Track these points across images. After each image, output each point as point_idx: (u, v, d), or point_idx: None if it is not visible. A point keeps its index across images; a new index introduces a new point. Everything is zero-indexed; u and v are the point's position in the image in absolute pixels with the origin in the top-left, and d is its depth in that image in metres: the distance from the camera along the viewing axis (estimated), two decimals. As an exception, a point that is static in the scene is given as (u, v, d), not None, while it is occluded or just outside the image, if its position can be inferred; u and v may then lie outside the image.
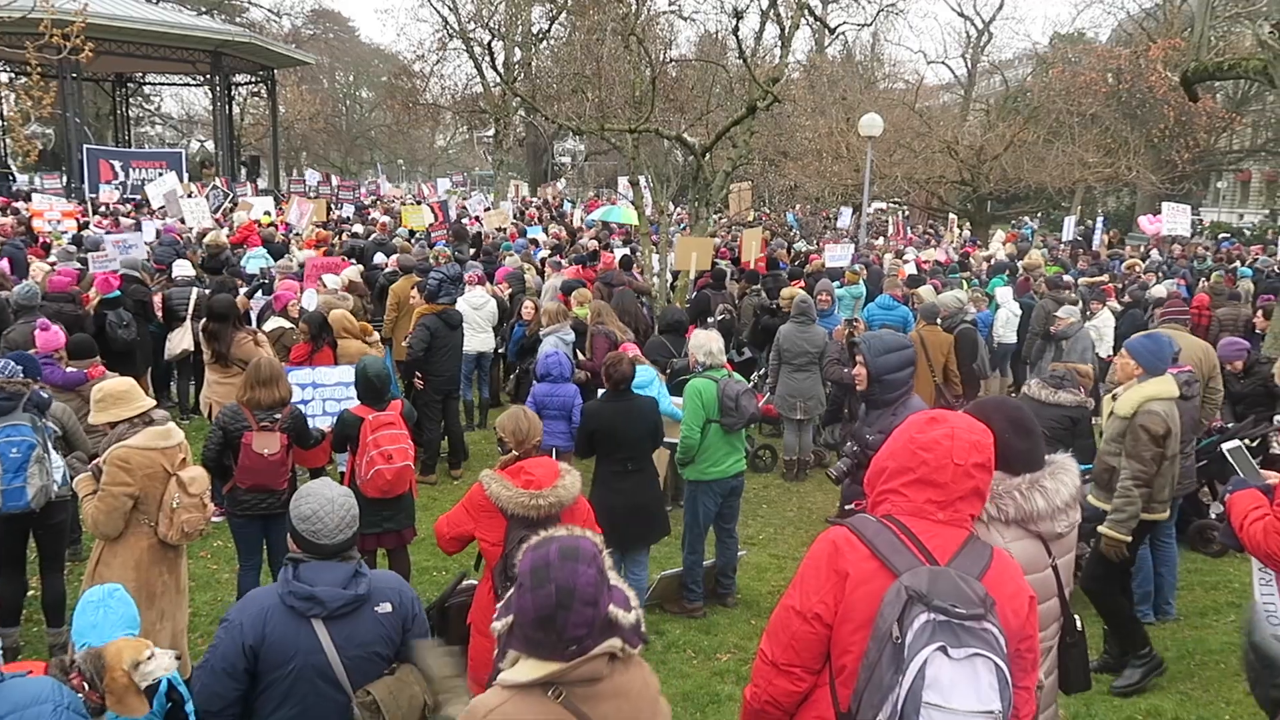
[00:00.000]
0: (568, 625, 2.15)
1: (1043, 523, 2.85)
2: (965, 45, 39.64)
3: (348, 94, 59.50)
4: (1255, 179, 43.36)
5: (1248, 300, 13.19)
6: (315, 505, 3.02)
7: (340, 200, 28.58)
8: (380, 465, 5.37)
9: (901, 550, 2.29)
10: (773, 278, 12.23)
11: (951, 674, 2.05)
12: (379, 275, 12.07)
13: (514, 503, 4.08)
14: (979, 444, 2.38)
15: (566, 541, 2.26)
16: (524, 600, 2.16)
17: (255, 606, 2.94)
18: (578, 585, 2.16)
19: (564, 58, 22.20)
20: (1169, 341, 5.35)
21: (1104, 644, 5.44)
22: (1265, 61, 8.89)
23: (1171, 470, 5.15)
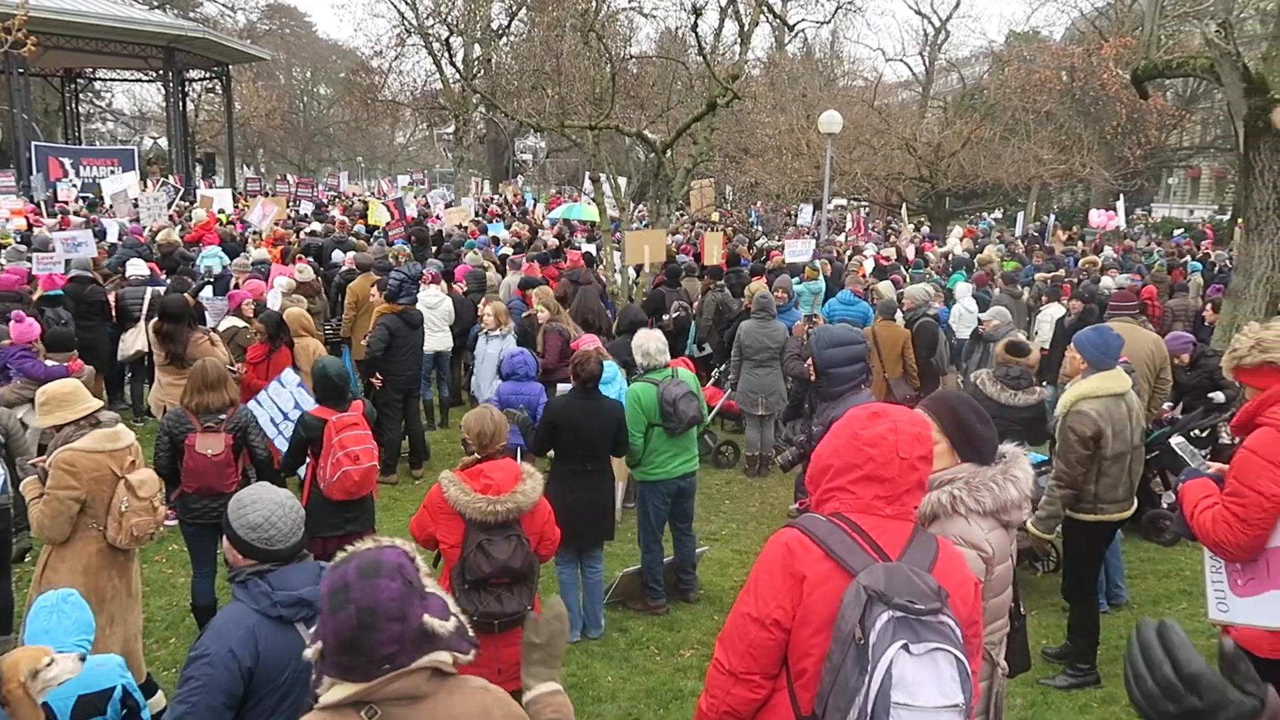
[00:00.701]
0: (375, 645, 1.98)
1: (1013, 512, 2.89)
2: (923, 43, 40.12)
3: (305, 90, 58.80)
4: (1205, 175, 44.33)
5: (1197, 293, 13.55)
6: (265, 512, 2.96)
7: (298, 198, 28.22)
8: (347, 466, 5.27)
9: (855, 549, 2.27)
10: (735, 274, 12.26)
11: (915, 671, 2.05)
12: (336, 274, 11.94)
13: (471, 508, 4.05)
14: (921, 436, 2.38)
15: (366, 557, 2.08)
16: (325, 625, 2.01)
17: (238, 630, 2.81)
18: (379, 602, 2.00)
19: (524, 54, 22.09)
20: (1116, 336, 5.26)
21: (1067, 633, 5.46)
22: (1212, 60, 9.06)
23: (1121, 467, 5.01)
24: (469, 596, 4.04)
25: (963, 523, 2.84)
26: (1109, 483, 5.01)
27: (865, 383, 5.13)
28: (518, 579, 4.14)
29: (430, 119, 41.15)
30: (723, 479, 9.04)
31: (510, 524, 4.13)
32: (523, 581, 4.16)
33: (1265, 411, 3.22)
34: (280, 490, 3.11)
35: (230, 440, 5.32)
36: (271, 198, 23.00)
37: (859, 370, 4.76)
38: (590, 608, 5.86)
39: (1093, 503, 5.04)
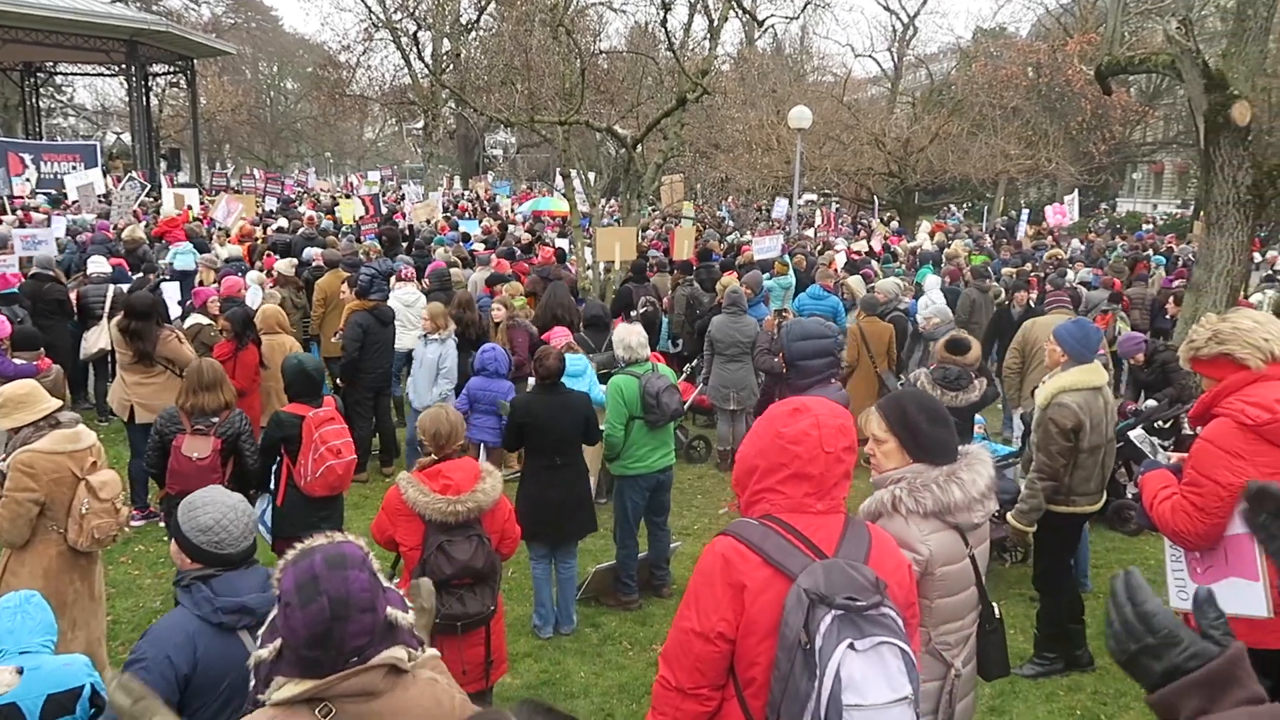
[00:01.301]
0: (346, 637, 1.99)
1: (960, 514, 2.87)
2: (891, 39, 40.30)
3: (271, 85, 58.13)
4: (1168, 170, 44.94)
5: (1156, 284, 13.92)
6: (216, 514, 2.90)
7: (265, 194, 27.90)
8: (331, 460, 5.21)
9: (791, 551, 2.24)
10: (705, 269, 12.28)
11: (862, 668, 2.04)
12: (306, 270, 11.82)
13: (431, 509, 4.03)
14: (844, 428, 2.36)
15: (330, 550, 2.09)
16: (293, 619, 1.98)
17: (176, 635, 2.76)
18: (351, 593, 2.01)
19: (493, 49, 21.95)
20: (1096, 329, 5.30)
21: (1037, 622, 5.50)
22: (1173, 56, 9.18)
23: (1095, 460, 5.06)
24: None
25: (901, 523, 2.84)
26: (1083, 475, 5.06)
27: (834, 376, 5.17)
28: (480, 579, 4.12)
29: (399, 114, 40.85)
30: (695, 474, 9.06)
31: (471, 524, 4.11)
32: (485, 581, 4.14)
33: (1221, 403, 3.26)
34: (233, 494, 3.07)
35: (219, 445, 5.21)
36: (237, 194, 22.72)
37: (827, 364, 4.80)
38: (563, 604, 5.85)
39: (1066, 495, 5.08)
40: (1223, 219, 8.87)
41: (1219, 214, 8.90)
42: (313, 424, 5.27)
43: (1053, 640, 5.32)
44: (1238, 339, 3.24)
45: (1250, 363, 3.21)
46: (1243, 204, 8.75)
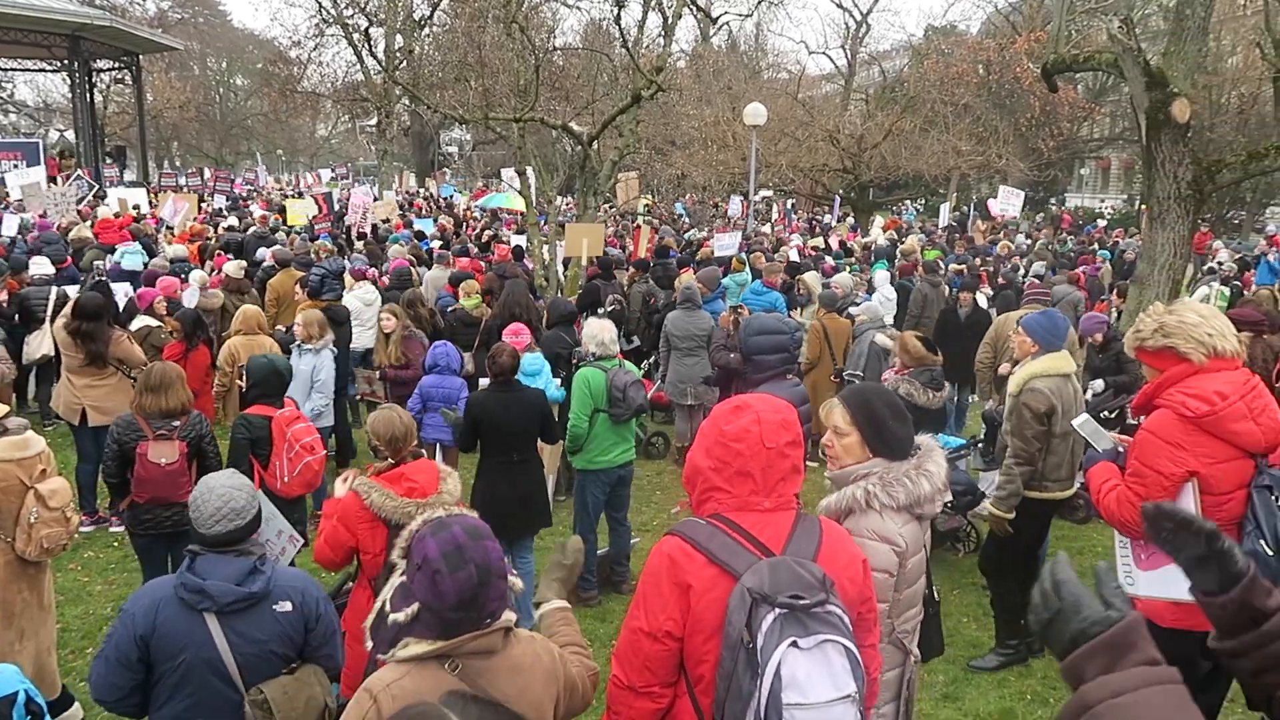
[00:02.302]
0: (488, 600, 2.23)
1: (927, 505, 2.92)
2: (845, 37, 40.64)
3: (221, 81, 57.10)
4: (1114, 166, 45.86)
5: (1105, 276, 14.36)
6: (199, 491, 3.04)
7: (215, 192, 27.43)
8: (307, 457, 5.20)
9: (737, 550, 2.24)
10: (662, 266, 12.32)
11: (806, 666, 2.04)
12: (259, 270, 11.67)
13: (400, 513, 3.98)
14: (786, 422, 2.35)
15: (467, 522, 2.31)
16: (443, 584, 2.18)
17: (149, 597, 2.93)
18: (492, 561, 2.24)
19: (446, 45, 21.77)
20: (1064, 319, 5.40)
21: (994, 609, 5.57)
22: (1116, 55, 9.39)
23: (1065, 446, 5.15)
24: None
25: (876, 517, 2.86)
26: (1055, 461, 5.15)
27: (790, 371, 5.22)
28: (446, 579, 4.11)
29: (352, 111, 40.40)
30: (654, 470, 9.10)
31: (438, 527, 4.09)
32: (449, 582, 4.14)
33: (1162, 394, 3.34)
34: (235, 477, 3.16)
35: (184, 448, 5.11)
36: (183, 193, 22.31)
37: (782, 360, 4.85)
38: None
39: (1039, 481, 5.16)
40: (1165, 213, 9.09)
41: (1161, 209, 9.12)
42: (282, 423, 5.23)
43: (1013, 628, 5.40)
44: (1182, 333, 3.31)
45: (1193, 357, 3.28)
46: (1183, 199, 8.98)
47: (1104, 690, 1.28)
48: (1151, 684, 1.28)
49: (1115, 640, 1.33)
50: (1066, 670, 1.37)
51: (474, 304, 9.53)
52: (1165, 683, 1.29)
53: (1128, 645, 1.32)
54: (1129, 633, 1.34)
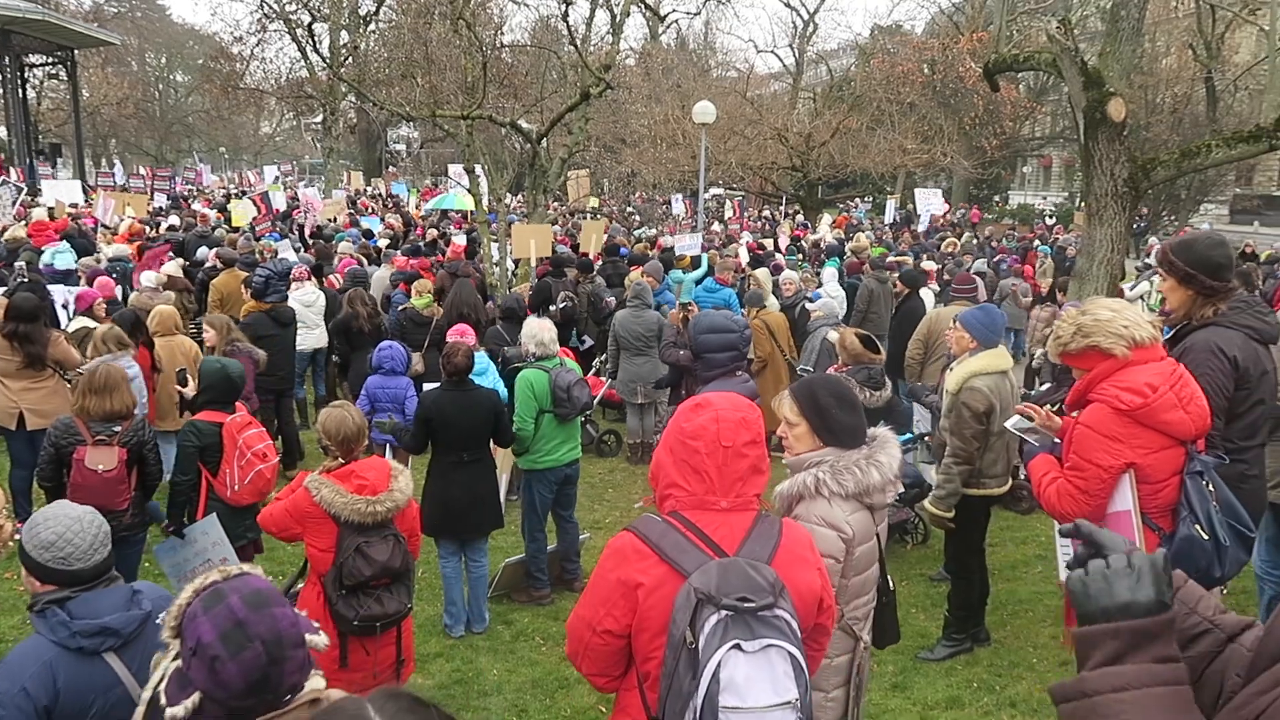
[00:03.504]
0: (283, 677, 1.92)
1: (876, 495, 2.97)
2: (792, 35, 41.06)
3: (160, 77, 55.83)
4: (1055, 164, 46.96)
5: (1047, 273, 14.73)
6: (59, 528, 2.68)
7: (155, 191, 26.81)
8: (259, 465, 5.08)
9: (688, 549, 2.22)
10: (612, 264, 12.32)
11: (747, 670, 2.02)
12: (200, 271, 11.44)
13: (350, 509, 3.95)
14: (745, 421, 2.33)
15: (242, 588, 1.98)
16: (225, 671, 1.87)
17: (33, 664, 2.55)
18: (283, 632, 1.93)
19: (392, 42, 21.55)
20: (1001, 315, 5.42)
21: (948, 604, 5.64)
22: (1054, 55, 9.59)
23: (1002, 443, 5.18)
24: (348, 601, 3.96)
25: (825, 504, 2.91)
26: (991, 458, 5.20)
27: (740, 368, 5.24)
28: (397, 578, 4.09)
29: (297, 108, 39.76)
30: (606, 468, 9.10)
31: (387, 524, 4.06)
32: (401, 580, 4.12)
33: (1094, 389, 3.42)
34: (77, 506, 2.84)
35: (124, 455, 4.96)
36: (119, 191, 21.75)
37: (732, 357, 4.88)
38: (474, 602, 5.82)
39: (976, 478, 5.21)
40: (1102, 210, 9.30)
41: (1099, 205, 9.33)
42: (233, 430, 5.11)
43: (963, 622, 5.47)
44: (1100, 329, 3.39)
45: (1116, 351, 3.36)
46: (1120, 196, 9.19)
47: (1107, 682, 1.28)
48: (1157, 684, 1.27)
49: (1144, 630, 1.30)
50: (1083, 638, 1.34)
51: (425, 303, 9.44)
52: (1169, 684, 1.28)
53: (1153, 636, 1.30)
54: (1161, 625, 1.31)
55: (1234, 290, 4.00)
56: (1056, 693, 1.33)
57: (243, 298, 8.96)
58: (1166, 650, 1.31)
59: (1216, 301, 3.82)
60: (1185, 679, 1.30)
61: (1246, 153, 9.64)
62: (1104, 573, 1.37)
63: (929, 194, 22.47)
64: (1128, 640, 1.30)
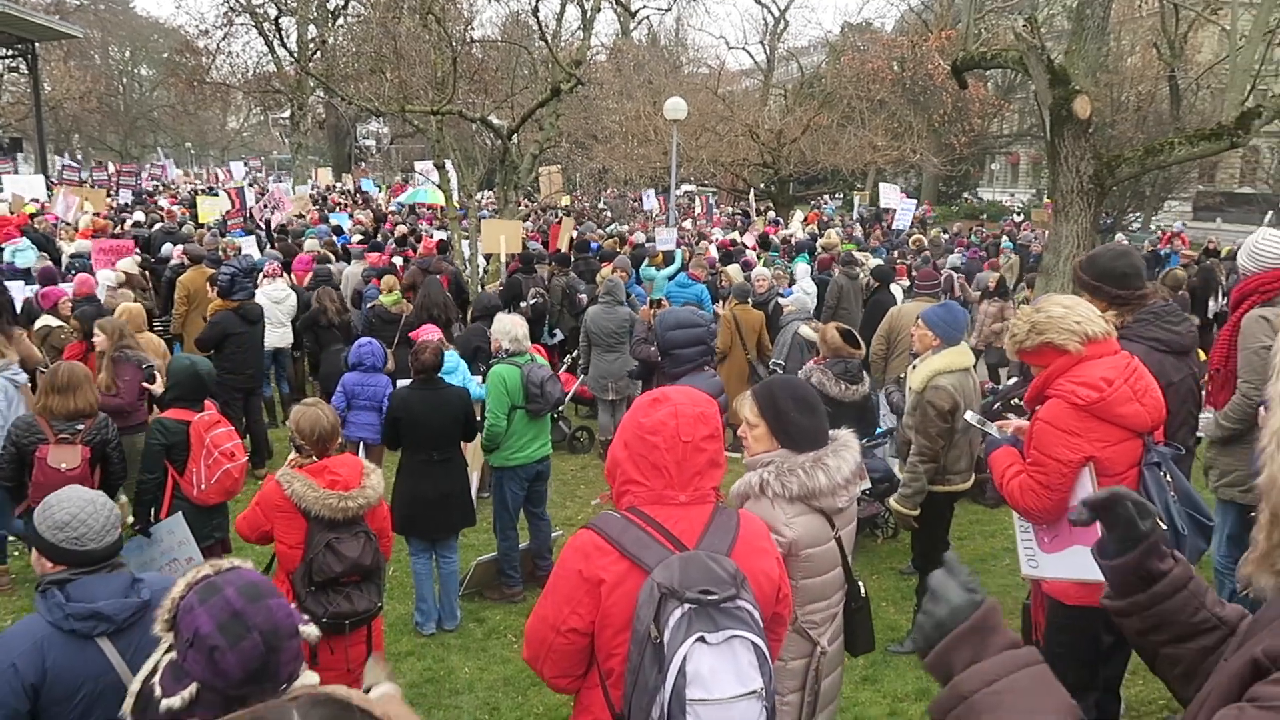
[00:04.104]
0: (280, 666, 1.98)
1: (824, 499, 2.97)
2: (763, 32, 41.12)
3: (124, 71, 54.90)
4: (1023, 161, 47.43)
5: (1012, 269, 14.97)
6: (74, 508, 2.75)
7: (119, 187, 26.38)
8: (227, 464, 5.03)
9: (649, 544, 2.22)
10: (583, 261, 12.30)
11: (712, 662, 2.04)
12: (166, 268, 11.29)
13: (321, 505, 3.92)
14: (704, 415, 2.34)
15: (238, 580, 2.04)
16: (225, 660, 1.93)
17: (24, 642, 2.61)
18: (279, 622, 2.00)
19: (361, 36, 21.36)
20: (963, 311, 5.46)
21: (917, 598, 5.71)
22: (1021, 53, 9.69)
23: (966, 439, 5.23)
24: (316, 598, 3.93)
25: (767, 505, 2.93)
26: (955, 454, 5.24)
27: (707, 364, 5.26)
28: (367, 576, 4.07)
29: (264, 103, 39.30)
30: (578, 464, 9.09)
31: (357, 520, 4.04)
32: (371, 578, 4.10)
33: (1052, 385, 3.46)
34: (89, 489, 2.91)
35: (88, 454, 4.91)
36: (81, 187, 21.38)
37: (700, 352, 4.89)
38: (446, 600, 5.79)
39: (941, 475, 5.25)
40: (1068, 207, 9.41)
41: (1065, 202, 9.44)
42: (201, 429, 5.05)
43: None
44: (1054, 326, 3.43)
45: (1070, 346, 3.40)
46: (1085, 193, 9.30)
47: (977, 679, 1.31)
48: (1019, 667, 1.32)
49: (979, 625, 1.36)
50: (933, 663, 1.39)
51: (393, 300, 9.38)
52: (1031, 664, 1.33)
53: (990, 628, 1.36)
54: (989, 616, 1.37)
55: (1145, 298, 4.11)
56: (935, 710, 1.37)
57: (209, 295, 8.85)
58: (1008, 637, 1.37)
59: (1126, 312, 3.91)
60: (1039, 658, 1.35)
61: (1208, 150, 9.79)
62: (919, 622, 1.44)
63: (889, 189, 22.68)
64: (969, 640, 1.35)
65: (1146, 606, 1.56)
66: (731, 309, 9.32)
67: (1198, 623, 1.54)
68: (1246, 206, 36.92)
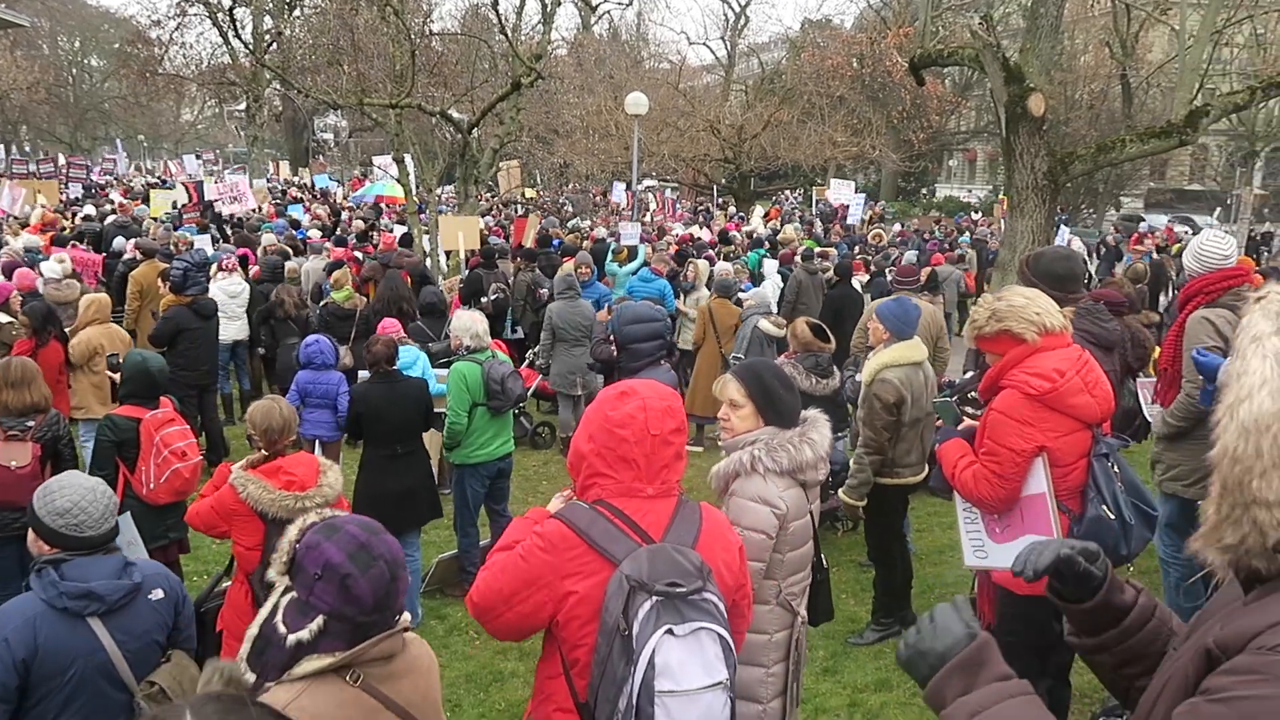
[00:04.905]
0: (397, 595, 2.14)
1: (809, 471, 3.07)
2: (724, 28, 41.32)
3: (74, 61, 53.61)
4: (980, 158, 48.03)
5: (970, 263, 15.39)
6: (75, 496, 2.85)
7: (69, 180, 25.81)
8: (177, 464, 4.93)
9: (618, 537, 2.24)
10: (545, 256, 12.26)
11: (679, 654, 2.08)
12: (119, 262, 11.08)
13: (278, 506, 3.88)
14: (671, 409, 2.36)
15: (356, 520, 2.22)
16: (357, 587, 2.05)
17: (17, 618, 2.70)
18: (396, 554, 2.17)
19: (318, 28, 21.06)
20: (915, 306, 5.54)
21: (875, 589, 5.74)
22: (977, 51, 9.83)
23: (915, 433, 5.30)
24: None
25: (760, 481, 3.01)
26: (905, 447, 5.32)
27: (664, 357, 5.28)
28: (327, 575, 4.02)
29: (219, 95, 38.55)
30: (540, 460, 9.07)
31: (317, 522, 4.00)
32: (331, 578, 4.05)
33: (1006, 375, 3.53)
34: (89, 476, 3.00)
35: (38, 451, 4.79)
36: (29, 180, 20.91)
37: (657, 346, 4.92)
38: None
39: (891, 468, 5.32)
40: (1023, 203, 9.57)
41: (1020, 198, 9.59)
42: (151, 426, 4.96)
43: (889, 608, 5.59)
44: (1014, 314, 3.50)
45: (1027, 336, 3.47)
46: (1040, 189, 9.46)
47: (964, 711, 1.34)
48: (1006, 698, 1.34)
49: (970, 660, 1.38)
50: (930, 695, 1.42)
51: (344, 296, 9.28)
52: (1018, 695, 1.35)
53: (981, 663, 1.38)
54: (982, 650, 1.40)
55: (1078, 300, 4.27)
56: None
57: (161, 290, 8.70)
58: (1000, 669, 1.39)
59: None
60: (1030, 689, 1.38)
61: (1158, 148, 10.01)
62: (913, 642, 1.46)
63: (841, 184, 22.84)
64: (962, 673, 1.38)
65: (1119, 642, 1.57)
66: (711, 302, 9.34)
67: (1165, 643, 1.54)
68: (1196, 203, 37.80)
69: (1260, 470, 1.10)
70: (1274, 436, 1.10)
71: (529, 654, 5.31)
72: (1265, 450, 1.10)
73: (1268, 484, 1.11)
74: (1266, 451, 1.10)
